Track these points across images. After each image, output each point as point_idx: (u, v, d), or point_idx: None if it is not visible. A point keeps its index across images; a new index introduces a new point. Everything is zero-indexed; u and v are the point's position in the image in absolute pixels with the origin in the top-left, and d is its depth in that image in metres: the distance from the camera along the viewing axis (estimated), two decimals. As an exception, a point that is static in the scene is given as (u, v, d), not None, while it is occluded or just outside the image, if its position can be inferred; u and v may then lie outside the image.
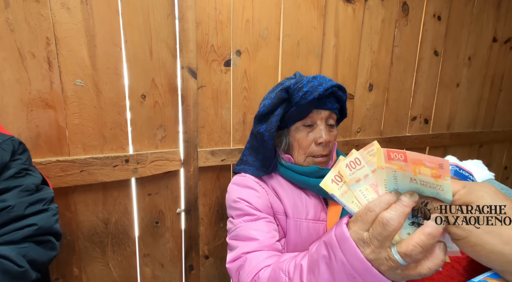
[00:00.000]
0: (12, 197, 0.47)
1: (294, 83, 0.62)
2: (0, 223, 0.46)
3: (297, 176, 0.64)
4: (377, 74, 1.27)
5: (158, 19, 0.87)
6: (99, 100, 0.84)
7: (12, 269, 0.44)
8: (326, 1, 1.09)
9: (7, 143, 0.50)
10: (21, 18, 0.72)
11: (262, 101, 0.70)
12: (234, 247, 0.62)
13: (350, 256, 0.34)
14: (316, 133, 0.64)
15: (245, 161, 0.73)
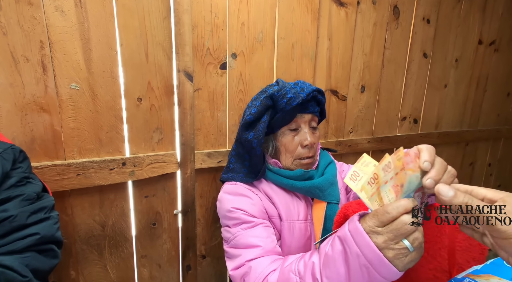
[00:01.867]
0: (14, 207, 0.48)
1: (278, 90, 0.64)
2: (3, 233, 0.46)
3: (285, 180, 0.66)
4: (369, 76, 1.31)
5: (154, 22, 0.87)
6: (94, 103, 0.84)
7: (16, 279, 0.44)
8: (320, 5, 1.11)
9: (7, 151, 0.50)
10: (14, 21, 0.71)
11: (247, 109, 0.72)
12: (236, 255, 0.63)
13: (363, 247, 0.38)
14: (301, 136, 0.67)
15: (232, 169, 0.74)
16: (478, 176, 1.88)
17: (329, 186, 0.67)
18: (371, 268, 0.38)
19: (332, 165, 0.74)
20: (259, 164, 0.67)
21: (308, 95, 0.64)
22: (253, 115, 0.65)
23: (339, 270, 0.42)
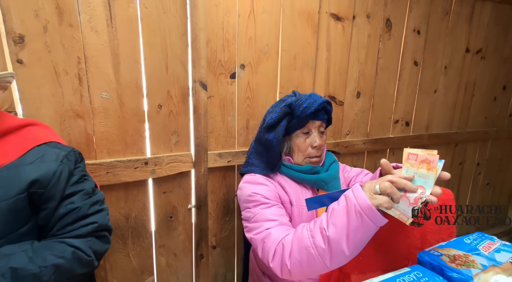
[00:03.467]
0: (78, 200, 0.59)
1: (295, 101, 0.76)
2: (71, 221, 0.57)
3: (296, 173, 0.79)
4: (364, 83, 1.43)
5: (173, 39, 0.99)
6: (122, 110, 0.96)
7: (83, 258, 0.56)
8: (319, 20, 1.23)
9: (71, 153, 0.61)
10: (57, 41, 0.83)
11: (268, 115, 0.83)
12: (256, 227, 0.73)
13: (361, 200, 0.54)
14: (311, 139, 0.79)
15: (251, 163, 0.86)
16: (467, 174, 2.01)
17: (332, 180, 0.80)
18: (363, 213, 0.54)
19: (335, 164, 0.87)
20: (276, 159, 0.79)
21: (319, 106, 0.77)
22: (274, 120, 0.77)
23: (341, 218, 0.56)
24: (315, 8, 1.21)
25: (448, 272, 0.46)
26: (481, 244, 0.58)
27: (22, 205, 0.52)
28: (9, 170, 0.51)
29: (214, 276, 1.28)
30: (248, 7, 1.08)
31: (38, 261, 0.49)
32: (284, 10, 1.15)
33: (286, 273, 0.64)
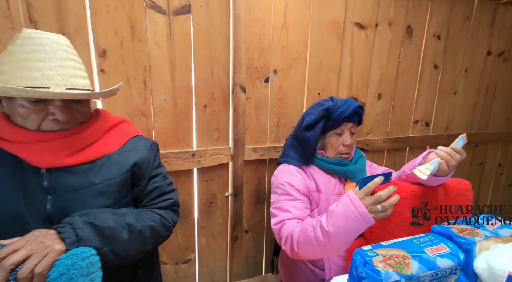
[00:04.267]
0: (159, 180, 0.76)
1: (333, 105, 0.90)
2: (155, 196, 0.74)
3: (327, 165, 0.93)
4: (385, 85, 1.54)
5: (218, 49, 1.16)
6: (175, 110, 1.14)
7: (166, 224, 0.72)
8: (344, 29, 1.36)
9: (153, 144, 0.79)
10: (130, 53, 1.02)
11: (307, 116, 0.96)
12: (276, 215, 0.90)
13: (357, 206, 0.67)
14: (343, 139, 0.92)
15: (287, 155, 1.01)
16: (488, 175, 2.04)
17: (359, 172, 0.93)
18: (361, 218, 0.67)
19: (363, 158, 1.00)
20: (311, 154, 0.93)
21: (353, 111, 0.90)
22: (313, 121, 0.91)
23: (340, 220, 0.70)
24: (341, 18, 1.34)
25: (455, 238, 0.58)
26: (489, 222, 0.69)
27: (127, 181, 0.69)
28: (118, 155, 0.68)
29: (246, 258, 1.44)
30: (281, 19, 1.23)
31: (141, 221, 0.65)
32: (313, 21, 1.29)
33: (295, 255, 0.82)
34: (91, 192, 0.62)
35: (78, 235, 0.51)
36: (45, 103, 0.57)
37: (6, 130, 0.57)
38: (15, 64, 0.53)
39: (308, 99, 1.38)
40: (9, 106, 0.58)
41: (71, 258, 0.47)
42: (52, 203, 0.59)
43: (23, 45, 0.54)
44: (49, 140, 0.58)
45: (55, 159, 0.58)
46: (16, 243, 0.46)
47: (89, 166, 0.63)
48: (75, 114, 0.61)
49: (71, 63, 0.59)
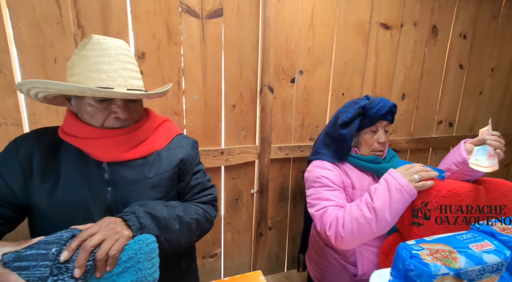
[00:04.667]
0: (200, 176, 0.80)
1: (369, 103, 0.92)
2: (197, 191, 0.78)
3: (361, 162, 0.95)
4: (409, 85, 1.53)
5: (247, 51, 1.19)
6: (206, 109, 1.18)
7: (208, 217, 0.76)
8: (369, 29, 1.37)
9: (195, 142, 0.83)
10: (165, 55, 1.07)
11: (342, 114, 0.98)
12: (317, 203, 0.91)
13: (398, 178, 0.76)
14: (378, 136, 0.94)
15: (320, 153, 1.03)
16: (514, 177, 1.99)
17: None
18: (402, 189, 0.75)
19: (396, 157, 1.01)
20: (346, 151, 0.95)
21: (389, 108, 0.93)
22: (349, 118, 0.93)
23: (384, 194, 0.77)
24: (367, 19, 1.35)
25: (499, 236, 0.59)
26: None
27: (175, 176, 0.73)
28: (166, 152, 0.73)
29: (269, 254, 1.47)
30: (308, 21, 1.25)
31: (188, 214, 0.69)
32: (339, 22, 1.31)
33: (339, 240, 0.81)
34: (145, 185, 0.66)
35: (141, 223, 0.56)
36: (109, 103, 0.62)
37: (74, 127, 0.63)
38: (86, 67, 0.59)
39: (332, 100, 1.40)
40: (78, 105, 0.63)
41: (138, 243, 0.51)
42: (111, 194, 0.64)
43: (93, 50, 0.59)
44: (112, 136, 0.63)
45: (115, 153, 0.64)
46: (92, 228, 0.51)
47: (142, 161, 0.68)
48: (132, 113, 0.66)
49: (131, 66, 0.64)
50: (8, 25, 0.87)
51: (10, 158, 0.61)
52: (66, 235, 0.48)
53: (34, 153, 0.61)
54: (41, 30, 0.90)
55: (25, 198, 0.61)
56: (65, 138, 0.63)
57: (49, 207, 0.60)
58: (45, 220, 0.61)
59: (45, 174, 0.61)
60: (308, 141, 1.41)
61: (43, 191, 0.60)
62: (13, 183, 0.60)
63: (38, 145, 0.62)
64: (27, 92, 0.60)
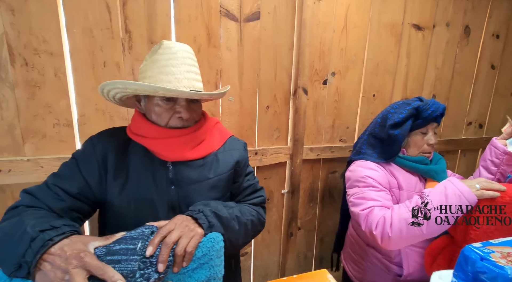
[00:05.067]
0: (251, 178, 0.82)
1: (423, 105, 0.92)
2: (249, 193, 0.80)
3: (409, 163, 0.95)
4: (439, 86, 1.52)
5: (282, 53, 1.21)
6: (241, 110, 1.21)
7: (261, 219, 0.77)
8: (402, 30, 1.36)
9: (245, 145, 0.85)
10: (205, 58, 1.10)
11: (393, 115, 0.98)
12: (362, 203, 0.91)
13: (460, 186, 0.76)
14: (428, 138, 0.94)
15: (363, 153, 1.04)
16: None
17: (442, 172, 0.95)
18: (462, 195, 0.75)
19: (443, 160, 1.01)
20: (395, 151, 0.96)
21: (443, 110, 0.94)
22: (401, 119, 0.93)
23: (440, 197, 0.78)
24: (399, 20, 1.35)
25: None
26: None
27: (231, 177, 0.75)
28: (222, 153, 0.75)
29: (297, 254, 1.48)
30: (342, 23, 1.26)
31: (244, 215, 0.71)
32: (372, 24, 1.31)
33: (386, 240, 0.81)
34: (206, 185, 0.69)
35: (210, 221, 0.58)
36: (173, 103, 0.65)
37: (142, 127, 0.66)
38: (156, 70, 0.62)
39: (363, 101, 1.40)
40: (147, 106, 0.67)
41: (210, 241, 0.54)
42: (175, 192, 0.67)
43: (164, 54, 0.63)
44: (177, 136, 0.66)
45: (180, 153, 0.66)
46: (169, 225, 0.53)
47: (202, 162, 0.71)
48: (193, 113, 0.69)
49: (194, 68, 0.67)
50: (63, 31, 0.92)
51: (88, 156, 0.65)
52: (147, 231, 0.51)
53: (108, 151, 0.65)
54: (92, 35, 0.94)
55: (100, 194, 0.65)
56: (133, 138, 0.67)
57: (121, 203, 0.64)
58: (116, 215, 0.65)
59: (117, 171, 0.65)
60: (338, 142, 1.41)
61: (116, 187, 0.64)
62: (91, 180, 0.64)
63: (111, 143, 0.66)
64: (107, 93, 0.64)
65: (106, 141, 0.67)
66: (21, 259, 0.44)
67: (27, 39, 0.88)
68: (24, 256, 0.44)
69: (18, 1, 0.85)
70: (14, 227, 0.49)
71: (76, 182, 0.62)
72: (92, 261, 0.44)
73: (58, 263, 0.43)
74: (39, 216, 0.53)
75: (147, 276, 0.47)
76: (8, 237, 0.47)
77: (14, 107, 0.91)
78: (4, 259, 0.46)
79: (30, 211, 0.55)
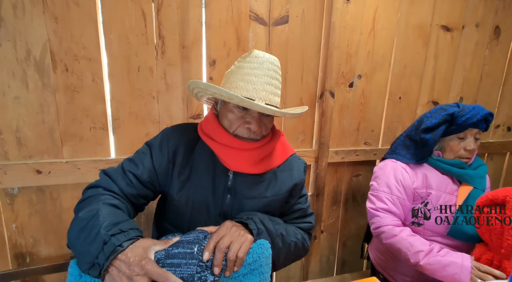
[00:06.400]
0: (303, 202, 0.78)
1: (458, 111, 0.90)
2: (298, 216, 0.76)
3: (445, 166, 0.94)
4: (467, 88, 1.48)
5: (309, 56, 1.21)
6: (267, 114, 1.21)
7: (305, 244, 0.74)
8: (430, 32, 1.34)
9: (305, 166, 0.79)
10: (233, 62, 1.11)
11: (427, 119, 0.97)
12: (373, 201, 1.02)
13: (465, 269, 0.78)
14: (466, 143, 0.93)
15: (397, 153, 1.04)
16: None
17: (478, 177, 0.93)
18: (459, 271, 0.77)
19: (484, 166, 0.99)
20: (426, 154, 0.96)
21: (481, 117, 0.90)
22: (434, 124, 0.92)
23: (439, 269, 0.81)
24: (428, 21, 1.32)
25: None
26: None
27: (286, 198, 0.73)
28: (281, 173, 0.71)
29: (320, 257, 1.48)
30: (369, 25, 1.25)
31: (289, 235, 0.69)
32: (400, 25, 1.29)
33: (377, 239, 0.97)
34: (261, 202, 0.68)
35: (259, 228, 0.59)
36: (246, 112, 0.64)
37: (215, 131, 0.66)
38: (238, 76, 0.63)
39: (389, 104, 1.38)
40: (222, 109, 0.67)
41: (260, 247, 0.55)
42: (229, 201, 0.67)
43: (250, 62, 0.63)
44: (245, 149, 0.65)
45: (244, 165, 0.66)
46: (220, 231, 0.54)
47: (262, 178, 0.69)
48: (262, 127, 0.66)
49: (275, 82, 0.65)
50: (101, 37, 0.95)
51: (161, 147, 0.67)
52: (201, 236, 0.53)
53: (179, 146, 0.67)
54: (128, 41, 0.97)
55: (164, 186, 0.67)
56: (203, 138, 0.68)
57: (180, 199, 0.66)
58: (174, 209, 0.68)
59: (182, 168, 0.66)
60: (363, 145, 1.40)
61: (178, 184, 0.66)
62: (159, 170, 0.66)
63: (183, 139, 0.68)
64: (192, 90, 0.67)
65: (179, 135, 0.68)
66: (95, 259, 0.46)
67: (68, 46, 0.91)
68: (97, 257, 0.46)
69: (62, 10, 0.88)
70: (90, 223, 0.50)
71: (147, 170, 0.65)
72: (153, 268, 0.46)
73: (124, 269, 0.45)
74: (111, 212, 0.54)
75: (204, 278, 0.48)
76: (85, 234, 0.49)
77: (54, 111, 0.94)
78: (81, 255, 0.49)
79: (106, 198, 0.58)
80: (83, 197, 0.61)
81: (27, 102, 0.91)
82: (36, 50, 0.89)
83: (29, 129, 0.93)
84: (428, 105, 1.44)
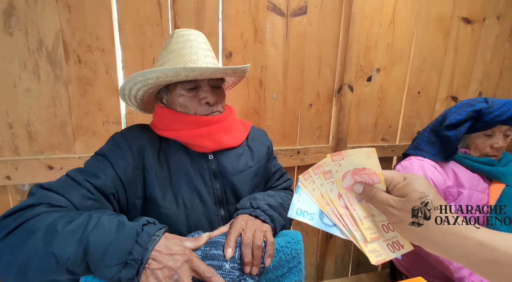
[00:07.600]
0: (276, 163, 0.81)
1: (486, 108, 0.86)
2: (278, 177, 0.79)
3: (473, 163, 0.90)
4: (487, 83, 1.44)
5: (327, 49, 1.17)
6: (284, 108, 1.17)
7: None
8: (451, 24, 1.29)
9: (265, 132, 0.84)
10: (250, 54, 1.07)
11: (451, 114, 0.93)
12: None
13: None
14: (493, 141, 0.88)
15: (421, 149, 0.99)
16: None
17: (510, 174, 0.89)
18: None
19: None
20: (451, 152, 0.91)
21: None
22: (458, 121, 0.88)
23: None
24: (448, 13, 1.28)
25: None
26: None
27: (266, 163, 0.74)
28: (252, 142, 0.74)
29: (335, 257, 1.44)
30: (389, 17, 1.21)
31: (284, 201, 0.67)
32: (420, 18, 1.25)
33: None
34: (249, 174, 0.68)
35: (270, 215, 0.57)
36: (196, 90, 0.62)
37: (177, 120, 0.62)
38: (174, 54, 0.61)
39: (407, 98, 1.34)
40: (170, 99, 0.64)
41: (299, 243, 0.52)
42: (220, 184, 0.64)
43: (178, 42, 0.62)
44: (214, 123, 0.62)
45: (219, 141, 0.64)
46: (237, 227, 0.51)
47: (240, 151, 0.69)
48: (217, 97, 0.65)
49: (210, 53, 0.65)
50: (115, 27, 0.91)
51: (121, 153, 0.57)
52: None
53: (144, 149, 0.59)
54: (143, 32, 0.93)
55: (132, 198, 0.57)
56: (164, 134, 0.63)
57: (168, 206, 0.59)
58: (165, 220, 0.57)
59: (159, 170, 0.60)
60: (380, 141, 1.36)
61: (159, 189, 0.59)
62: (126, 178, 0.56)
63: (144, 140, 0.61)
64: (128, 93, 0.63)
65: (137, 137, 0.60)
66: (128, 256, 0.39)
67: (81, 36, 0.88)
68: (132, 253, 0.39)
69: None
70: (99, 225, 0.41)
71: (110, 180, 0.53)
72: (199, 262, 0.42)
73: (165, 261, 0.40)
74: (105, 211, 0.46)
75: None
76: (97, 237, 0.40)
77: (67, 105, 0.91)
78: (100, 262, 0.39)
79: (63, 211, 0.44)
80: (10, 228, 0.41)
81: (38, 95, 0.87)
82: (48, 40, 0.85)
83: (41, 123, 0.89)
84: (446, 101, 1.40)
